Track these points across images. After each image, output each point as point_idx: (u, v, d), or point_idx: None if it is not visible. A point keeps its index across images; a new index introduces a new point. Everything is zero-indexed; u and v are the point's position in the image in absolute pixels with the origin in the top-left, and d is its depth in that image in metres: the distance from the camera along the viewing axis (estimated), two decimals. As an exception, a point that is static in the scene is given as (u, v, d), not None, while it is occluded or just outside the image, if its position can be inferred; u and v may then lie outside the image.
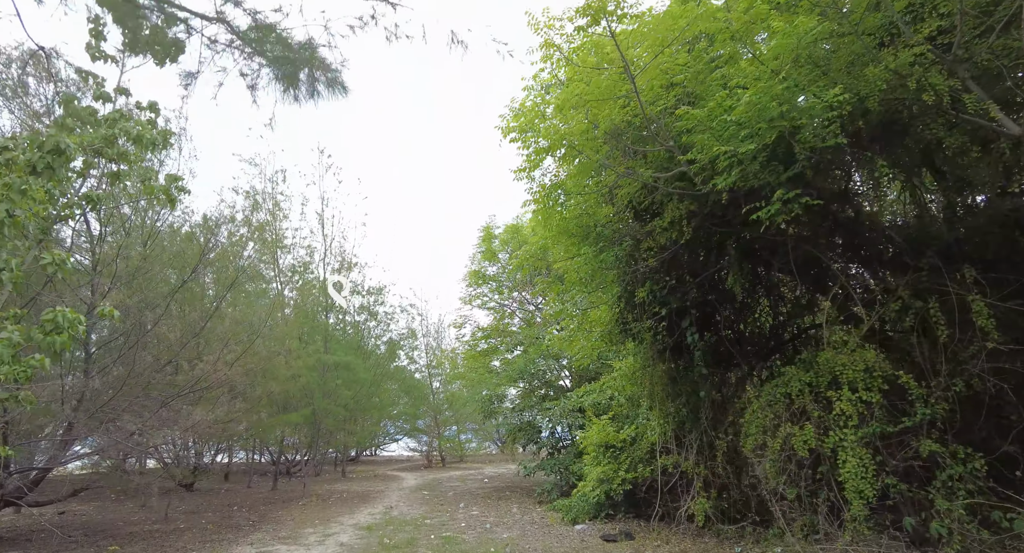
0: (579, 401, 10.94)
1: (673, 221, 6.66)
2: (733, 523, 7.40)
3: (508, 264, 18.39)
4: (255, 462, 24.07)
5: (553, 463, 12.61)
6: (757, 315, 8.79)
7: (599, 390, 10.69)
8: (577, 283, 7.28)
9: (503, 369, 15.79)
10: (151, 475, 13.81)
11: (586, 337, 8.05)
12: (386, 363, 19.88)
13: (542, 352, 14.19)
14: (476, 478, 19.53)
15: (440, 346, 29.49)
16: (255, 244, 14.54)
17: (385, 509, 12.13)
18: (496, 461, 30.24)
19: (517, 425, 14.93)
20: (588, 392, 10.87)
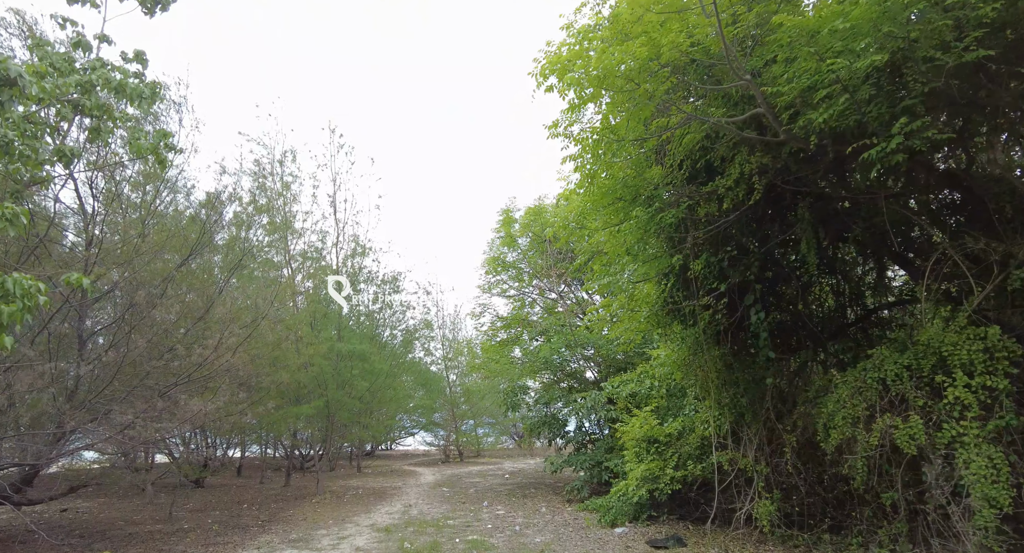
0: (615, 391, 10.00)
1: (740, 178, 5.68)
2: (805, 529, 6.43)
3: (529, 249, 17.46)
4: (268, 457, 23.52)
5: (583, 459, 11.70)
6: (818, 292, 7.83)
7: (636, 380, 9.74)
8: (622, 254, 6.33)
9: (525, 360, 14.88)
10: (160, 470, 13.17)
11: (631, 318, 7.10)
12: (402, 354, 19.05)
13: (567, 341, 13.27)
14: (496, 473, 18.71)
15: (456, 338, 28.73)
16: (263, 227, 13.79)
17: (403, 508, 11.32)
18: (514, 456, 29.43)
19: (540, 418, 14.05)
20: (624, 382, 9.93)
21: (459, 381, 28.29)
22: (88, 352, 8.40)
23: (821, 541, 6.23)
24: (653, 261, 6.04)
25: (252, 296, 9.11)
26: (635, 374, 10.01)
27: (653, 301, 6.76)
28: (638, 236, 5.71)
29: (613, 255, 6.56)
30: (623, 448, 12.16)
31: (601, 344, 12.69)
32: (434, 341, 26.73)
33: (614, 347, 12.43)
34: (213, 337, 7.13)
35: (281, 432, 13.26)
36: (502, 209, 16.67)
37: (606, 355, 12.64)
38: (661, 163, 6.29)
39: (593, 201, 6.25)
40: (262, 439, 19.44)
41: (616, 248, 6.46)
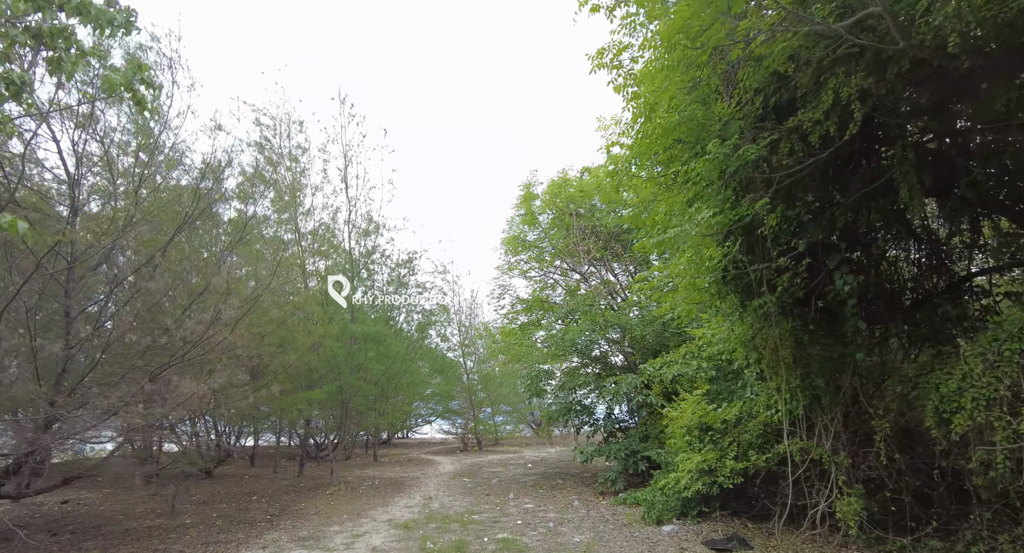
0: (656, 374, 9.01)
1: (832, 108, 4.63)
2: (903, 532, 5.43)
3: (551, 227, 16.42)
4: (283, 446, 22.94)
5: (616, 448, 10.76)
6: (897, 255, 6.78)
7: (681, 361, 8.74)
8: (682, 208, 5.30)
9: (549, 343, 13.92)
10: (165, 460, 12.47)
11: (689, 286, 6.08)
12: (418, 339, 18.18)
13: (595, 322, 12.28)
14: (518, 463, 17.89)
15: (472, 324, 27.88)
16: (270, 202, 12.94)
17: (423, 500, 10.49)
18: (533, 444, 28.64)
19: (564, 405, 13.13)
20: (667, 364, 8.93)
21: (476, 368, 27.50)
22: (75, 331, 7.60)
23: (923, 546, 5.23)
24: (720, 215, 4.99)
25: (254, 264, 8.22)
26: (677, 355, 9.00)
27: (714, 266, 5.75)
28: (708, 180, 4.69)
29: (672, 208, 5.54)
30: (661, 436, 11.26)
31: (632, 325, 11.70)
32: (450, 326, 25.93)
33: (647, 328, 11.43)
34: (209, 311, 6.26)
35: (292, 419, 12.48)
36: (522, 184, 15.63)
37: (638, 336, 11.64)
38: (729, 95, 5.24)
39: (648, 144, 5.23)
40: (276, 427, 18.82)
41: (675, 200, 5.45)
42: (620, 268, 16.09)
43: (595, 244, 13.20)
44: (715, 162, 4.48)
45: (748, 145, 4.56)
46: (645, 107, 5.11)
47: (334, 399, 11.84)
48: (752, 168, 4.76)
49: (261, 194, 9.09)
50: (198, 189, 7.36)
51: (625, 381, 10.42)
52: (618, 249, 13.71)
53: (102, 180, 8.52)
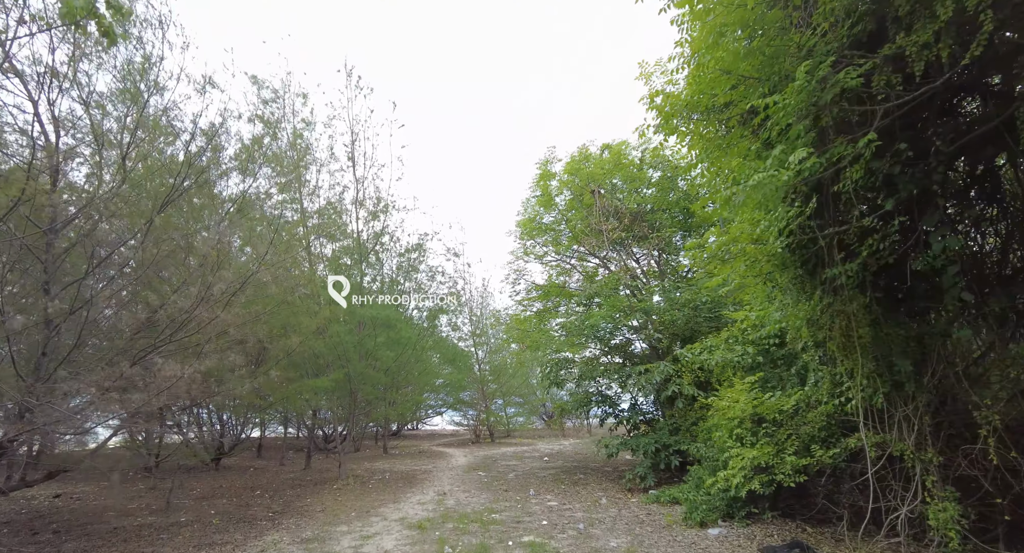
0: (698, 359, 8.16)
1: (944, 28, 3.73)
2: (1015, 546, 4.57)
3: (568, 210, 15.53)
4: (290, 437, 22.36)
5: (646, 442, 9.94)
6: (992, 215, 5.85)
7: (724, 346, 7.87)
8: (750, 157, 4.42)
9: (567, 331, 13.06)
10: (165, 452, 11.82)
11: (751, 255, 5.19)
12: (430, 327, 17.37)
13: (620, 307, 11.41)
14: (533, 456, 17.13)
15: (483, 313, 27.13)
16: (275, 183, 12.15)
17: (437, 496, 9.75)
18: (545, 436, 27.94)
19: (584, 396, 12.33)
20: (708, 349, 8.06)
21: (488, 358, 26.78)
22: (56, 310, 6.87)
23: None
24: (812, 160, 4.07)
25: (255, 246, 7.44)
26: (718, 340, 8.14)
27: (783, 229, 4.88)
28: (793, 116, 3.79)
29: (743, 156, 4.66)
30: (693, 428, 10.43)
31: (661, 309, 10.83)
32: (461, 315, 25.19)
33: (677, 312, 10.56)
34: (196, 283, 5.49)
35: (298, 409, 11.77)
36: (539, 161, 14.73)
37: (666, 322, 10.77)
38: (807, 19, 4.34)
39: (708, 82, 4.37)
40: (283, 418, 18.18)
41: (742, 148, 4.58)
42: (642, 252, 15.21)
43: (618, 225, 12.31)
44: (804, 93, 3.60)
45: (847, 68, 3.67)
46: (705, 36, 4.23)
47: (342, 388, 11.10)
48: (850, 100, 3.87)
49: (260, 166, 8.28)
50: (188, 152, 6.57)
51: (657, 369, 9.57)
52: (644, 229, 12.81)
53: (86, 147, 7.77)
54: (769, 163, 3.72)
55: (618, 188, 14.86)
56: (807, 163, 3.63)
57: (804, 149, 3.54)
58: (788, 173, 3.62)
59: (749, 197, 3.97)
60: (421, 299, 14.03)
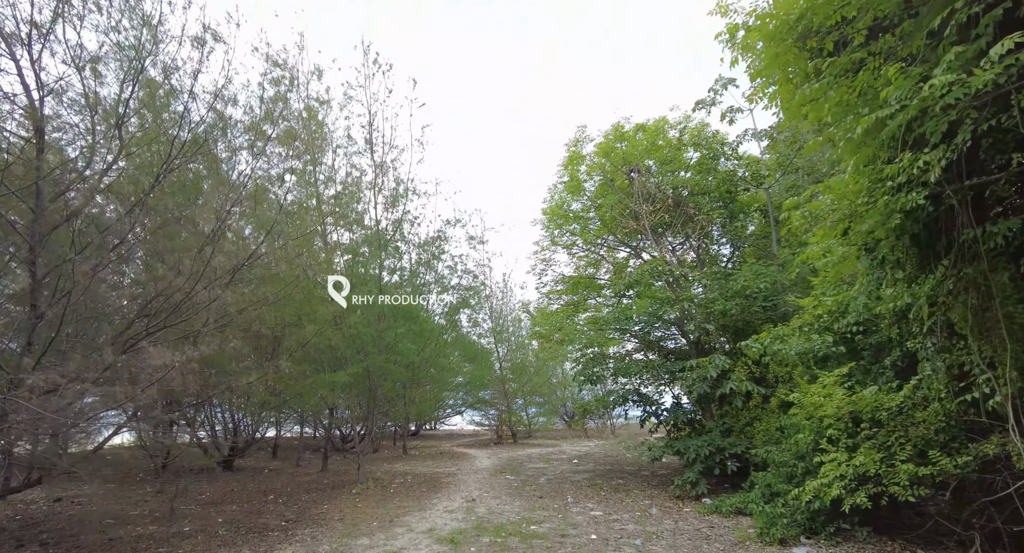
0: (767, 350, 7.13)
1: None
2: None
3: (598, 196, 14.55)
4: (307, 437, 21.66)
5: (697, 444, 8.94)
6: None
7: (798, 335, 6.84)
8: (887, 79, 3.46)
9: (597, 326, 12.03)
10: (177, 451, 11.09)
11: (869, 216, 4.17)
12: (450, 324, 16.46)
13: (658, 300, 10.39)
14: (560, 457, 16.16)
15: (504, 309, 26.21)
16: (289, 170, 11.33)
17: (466, 503, 8.85)
18: (568, 437, 26.90)
19: (622, 394, 11.35)
20: (780, 338, 7.02)
21: (509, 356, 25.86)
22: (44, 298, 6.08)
23: None
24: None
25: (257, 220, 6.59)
26: (788, 329, 7.12)
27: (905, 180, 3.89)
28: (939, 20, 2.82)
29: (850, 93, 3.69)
30: (747, 429, 9.41)
31: (712, 299, 9.79)
32: (481, 312, 24.27)
33: (729, 302, 9.51)
34: (191, 255, 4.65)
35: (314, 406, 10.96)
36: (569, 140, 13.76)
37: (716, 313, 9.73)
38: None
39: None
40: (299, 417, 17.43)
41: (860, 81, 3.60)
42: (679, 241, 14.17)
43: (659, 206, 11.29)
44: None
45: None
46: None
47: (360, 384, 10.26)
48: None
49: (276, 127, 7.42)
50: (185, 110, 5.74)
51: (712, 364, 8.56)
52: (690, 210, 11.78)
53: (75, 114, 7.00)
54: (940, 74, 2.73)
55: (652, 172, 13.85)
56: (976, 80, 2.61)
57: (1009, 40, 2.55)
58: (986, 76, 2.62)
59: (866, 138, 2.99)
60: (442, 291, 13.13)
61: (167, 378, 4.45)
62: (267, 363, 6.81)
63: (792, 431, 6.62)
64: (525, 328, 27.71)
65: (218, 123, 7.11)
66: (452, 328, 16.32)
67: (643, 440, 10.66)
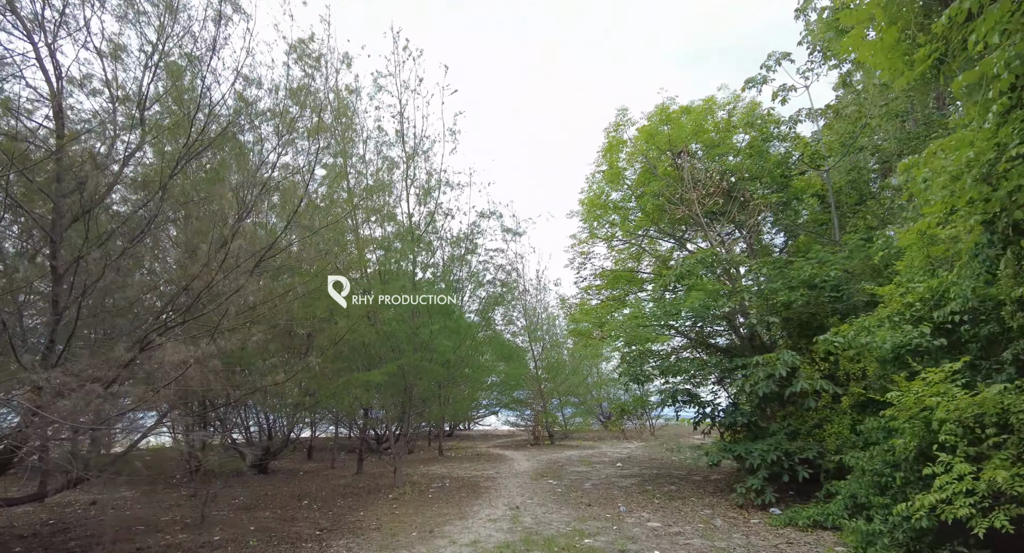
0: (850, 341, 6.30)
1: None
2: None
3: (637, 186, 13.77)
4: (342, 437, 21.42)
5: (762, 448, 8.13)
6: None
7: (888, 325, 6.00)
8: None
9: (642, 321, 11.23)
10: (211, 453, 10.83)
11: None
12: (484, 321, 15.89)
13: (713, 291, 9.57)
14: (601, 460, 15.43)
15: (539, 308, 25.53)
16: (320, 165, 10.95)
17: (510, 511, 8.26)
18: (605, 438, 26.06)
19: (670, 393, 10.58)
20: (867, 330, 6.18)
21: (544, 355, 25.19)
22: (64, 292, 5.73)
23: None
24: None
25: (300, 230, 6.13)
26: (874, 319, 6.28)
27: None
28: None
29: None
30: (816, 432, 8.56)
31: (774, 289, 8.94)
32: (515, 310, 23.66)
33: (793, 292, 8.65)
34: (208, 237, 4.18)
35: (348, 406, 10.53)
36: (608, 125, 13.02)
37: (778, 305, 8.88)
38: None
39: None
40: (334, 418, 17.14)
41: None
42: (727, 231, 13.28)
43: (712, 190, 10.47)
44: None
45: None
46: None
47: (395, 383, 9.77)
48: None
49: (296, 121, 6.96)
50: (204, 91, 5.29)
51: (780, 360, 7.75)
52: (744, 195, 10.93)
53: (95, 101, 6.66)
54: None
55: (698, 157, 13.01)
56: None
57: None
58: None
59: None
60: (476, 287, 12.57)
61: (186, 377, 3.98)
62: (299, 361, 6.35)
63: (880, 434, 5.81)
64: (559, 326, 27.04)
65: (240, 105, 6.69)
66: (487, 326, 15.76)
67: (687, 442, 9.88)
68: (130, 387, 4.65)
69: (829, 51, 11.29)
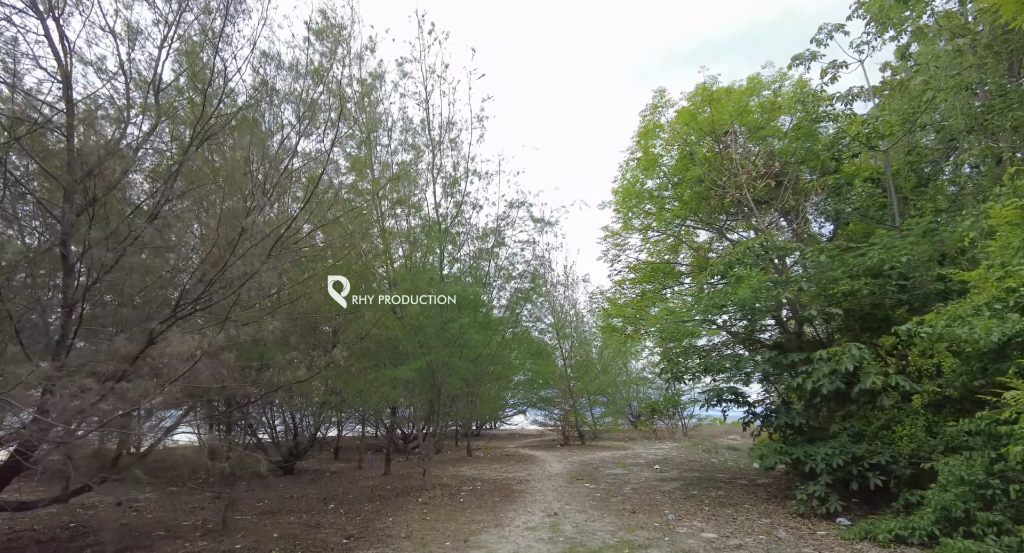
0: (941, 333, 5.54)
1: None
2: None
3: (674, 174, 13.05)
4: (368, 437, 21.09)
5: (827, 451, 7.39)
6: None
7: (984, 313, 5.24)
8: None
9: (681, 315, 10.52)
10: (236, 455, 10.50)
11: None
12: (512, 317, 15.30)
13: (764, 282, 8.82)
14: (637, 462, 14.74)
15: (567, 304, 24.82)
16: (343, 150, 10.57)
17: (548, 518, 7.68)
18: (636, 438, 25.26)
19: (715, 391, 9.87)
20: (960, 320, 5.41)
21: (572, 353, 24.49)
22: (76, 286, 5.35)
23: None
24: None
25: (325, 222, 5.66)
26: (969, 307, 5.52)
27: None
28: None
29: None
30: (883, 434, 7.78)
31: (834, 278, 8.15)
32: (544, 307, 23.02)
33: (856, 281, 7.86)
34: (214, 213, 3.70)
35: (375, 405, 10.09)
36: (644, 109, 12.32)
37: (837, 295, 8.10)
38: None
39: None
40: (361, 417, 16.78)
41: None
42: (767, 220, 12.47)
43: (762, 173, 9.71)
44: None
45: None
46: None
47: (424, 381, 9.29)
48: None
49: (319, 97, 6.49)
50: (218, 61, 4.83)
51: (847, 354, 7.00)
52: (792, 178, 10.14)
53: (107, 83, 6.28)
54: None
55: (740, 140, 12.22)
56: None
57: None
58: None
59: None
60: (506, 280, 12.02)
61: (196, 372, 3.51)
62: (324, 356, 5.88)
63: (980, 439, 5.07)
64: (588, 323, 26.33)
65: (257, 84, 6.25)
66: (515, 322, 15.18)
67: (722, 443, 9.14)
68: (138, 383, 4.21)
69: (887, 20, 10.39)
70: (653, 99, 12.05)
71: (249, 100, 6.00)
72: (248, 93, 6.05)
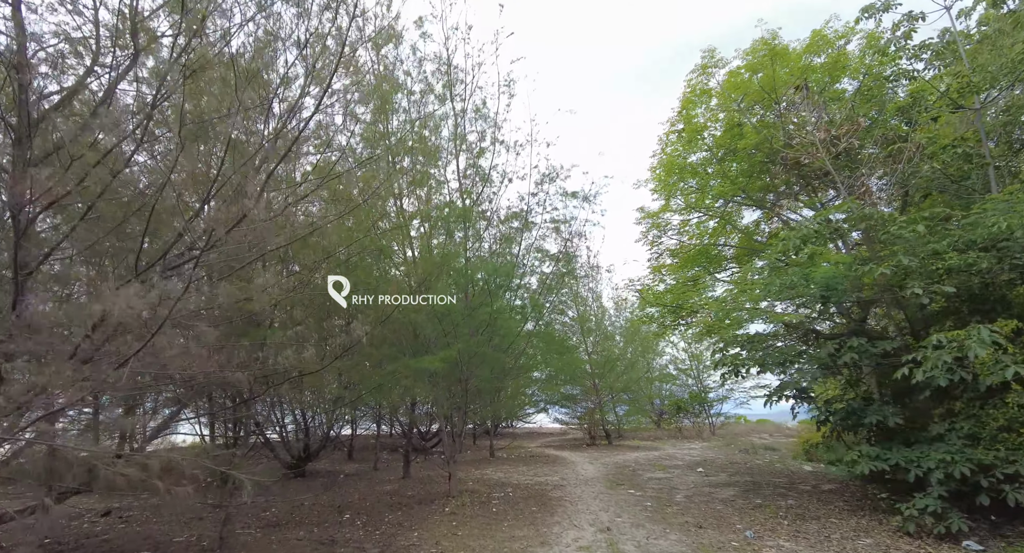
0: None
1: None
2: None
3: (719, 148, 11.78)
4: (383, 435, 20.02)
5: (939, 456, 6.12)
6: None
7: None
8: None
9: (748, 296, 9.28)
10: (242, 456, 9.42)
11: None
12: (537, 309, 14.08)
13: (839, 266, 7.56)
14: (674, 464, 13.50)
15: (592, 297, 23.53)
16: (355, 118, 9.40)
17: (601, 533, 6.50)
18: (662, 437, 23.99)
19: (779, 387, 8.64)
20: None
21: (597, 348, 23.22)
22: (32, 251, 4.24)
23: None
24: None
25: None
26: None
27: None
28: None
29: None
30: (1002, 436, 6.52)
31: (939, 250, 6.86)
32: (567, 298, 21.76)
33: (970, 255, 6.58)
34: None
35: (395, 399, 8.98)
36: (692, 71, 11.04)
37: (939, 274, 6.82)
38: None
39: None
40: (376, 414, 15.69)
41: None
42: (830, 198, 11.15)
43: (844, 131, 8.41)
44: None
45: None
46: None
47: (450, 374, 8.13)
48: None
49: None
50: None
51: (976, 338, 5.72)
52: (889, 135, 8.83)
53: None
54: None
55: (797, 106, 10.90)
56: None
57: None
58: None
59: None
60: (542, 259, 10.82)
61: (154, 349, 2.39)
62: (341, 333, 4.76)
63: None
64: (610, 318, 25.07)
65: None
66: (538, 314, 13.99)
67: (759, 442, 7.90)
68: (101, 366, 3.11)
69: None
70: (702, 59, 10.77)
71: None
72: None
